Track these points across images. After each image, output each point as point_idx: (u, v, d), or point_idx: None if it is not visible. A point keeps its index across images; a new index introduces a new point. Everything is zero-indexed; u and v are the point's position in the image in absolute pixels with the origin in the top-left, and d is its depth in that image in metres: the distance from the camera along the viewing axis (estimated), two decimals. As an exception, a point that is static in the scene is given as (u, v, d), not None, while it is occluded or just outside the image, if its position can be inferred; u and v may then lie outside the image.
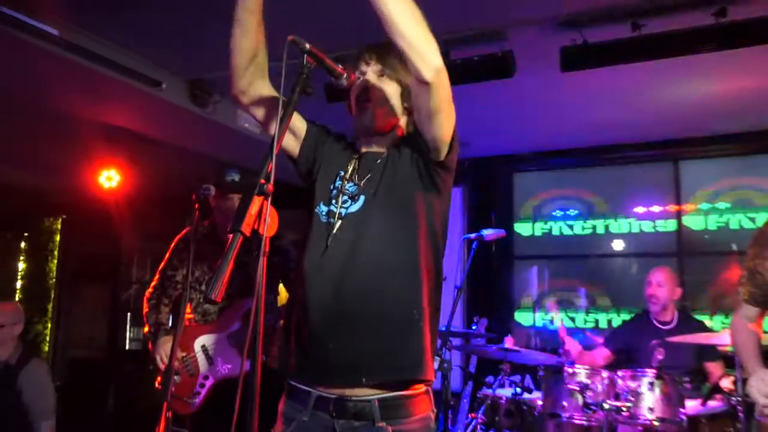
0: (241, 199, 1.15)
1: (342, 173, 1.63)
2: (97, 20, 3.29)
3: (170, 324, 3.03)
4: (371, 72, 1.62)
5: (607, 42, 3.11)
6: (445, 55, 3.28)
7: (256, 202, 1.14)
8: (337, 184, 1.61)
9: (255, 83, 1.59)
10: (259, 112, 1.62)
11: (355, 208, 1.55)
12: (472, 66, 3.28)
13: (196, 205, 2.48)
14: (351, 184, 1.60)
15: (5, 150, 5.35)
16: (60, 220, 7.50)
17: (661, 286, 3.78)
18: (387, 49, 1.59)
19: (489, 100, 4.21)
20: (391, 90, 1.62)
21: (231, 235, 1.12)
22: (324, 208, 1.59)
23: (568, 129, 4.93)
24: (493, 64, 3.25)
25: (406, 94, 1.62)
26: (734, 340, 2.23)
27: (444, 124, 1.49)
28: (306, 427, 1.48)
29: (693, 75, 3.82)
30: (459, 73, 3.32)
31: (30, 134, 4.95)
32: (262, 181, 1.16)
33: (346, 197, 1.58)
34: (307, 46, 1.39)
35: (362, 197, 1.56)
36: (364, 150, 1.67)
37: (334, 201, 1.58)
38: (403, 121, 1.66)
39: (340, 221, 1.55)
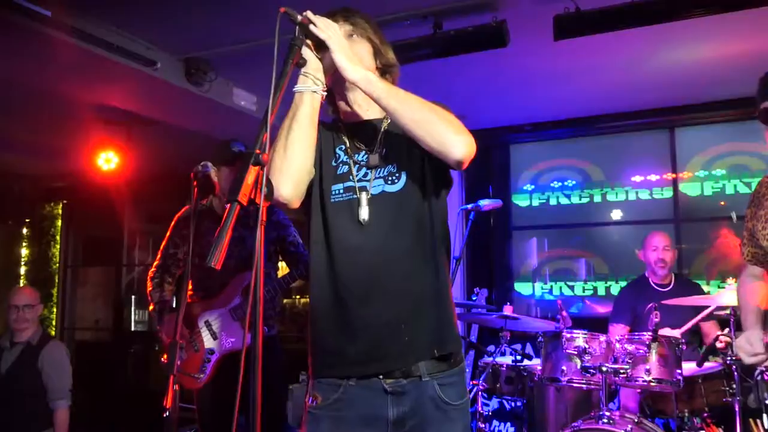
0: (238, 170, 1.16)
1: (342, 147, 1.61)
2: (90, 0, 3.27)
3: (174, 302, 3.07)
4: (343, 31, 1.58)
5: (601, 9, 3.08)
6: (437, 26, 3.30)
7: (252, 171, 1.16)
8: (342, 159, 1.60)
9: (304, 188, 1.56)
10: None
11: (395, 188, 1.55)
12: (465, 37, 3.26)
13: (195, 183, 2.49)
14: (361, 154, 1.60)
15: (1, 136, 5.35)
16: (61, 205, 7.51)
17: (668, 249, 3.85)
18: (353, 10, 1.62)
19: (484, 71, 4.18)
20: (363, 50, 1.60)
21: (228, 206, 1.13)
22: (339, 186, 1.57)
23: (563, 99, 4.91)
24: (486, 34, 3.23)
25: (378, 52, 1.63)
26: (738, 297, 2.26)
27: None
28: (354, 391, 1.50)
29: (688, 40, 3.79)
30: (452, 44, 3.31)
31: (26, 119, 4.94)
32: (258, 151, 1.17)
33: (364, 170, 1.58)
34: (299, 17, 1.40)
35: (403, 175, 1.55)
36: (357, 119, 1.64)
37: (350, 177, 1.57)
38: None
39: (369, 197, 1.53)
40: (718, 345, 2.97)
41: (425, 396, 1.51)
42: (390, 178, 1.56)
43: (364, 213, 1.52)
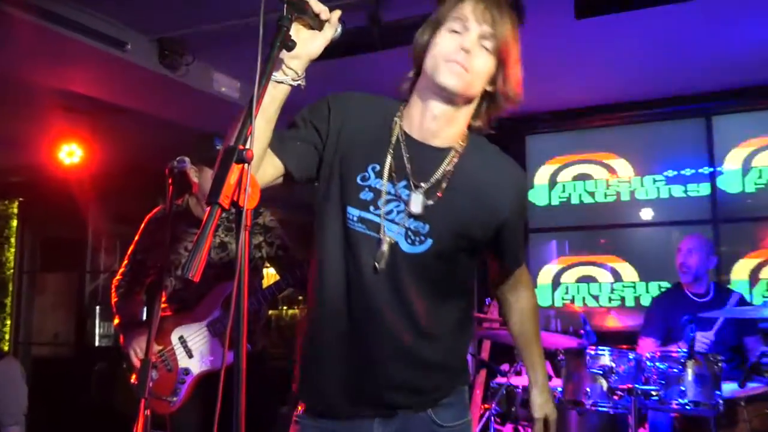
0: (218, 168, 1.15)
1: (377, 167, 1.52)
2: (49, -27, 3.27)
3: (144, 315, 3.06)
4: (476, 33, 1.45)
5: (629, -18, 3.10)
6: (441, 2, 3.30)
7: (235, 170, 1.15)
8: (371, 183, 1.52)
9: (265, 160, 1.50)
10: (279, 179, 1.55)
11: (420, 248, 1.50)
12: (475, 14, 3.26)
13: (170, 180, 2.48)
14: (401, 184, 1.51)
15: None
16: (16, 203, 7.50)
17: (692, 253, 3.81)
18: (507, 12, 1.48)
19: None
20: (486, 66, 1.48)
21: (208, 209, 1.12)
22: (355, 212, 1.51)
23: (585, 84, 4.92)
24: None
25: (493, 77, 1.51)
26: None
27: None
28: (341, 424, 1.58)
29: (726, 18, 3.80)
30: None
31: (-22, 106, 4.95)
32: (241, 146, 1.17)
33: (395, 204, 1.51)
34: (290, -9, 1.37)
35: (432, 242, 1.49)
36: (415, 136, 1.53)
37: (371, 208, 1.51)
38: (472, 106, 1.56)
39: (390, 243, 1.50)
40: (764, 362, 2.96)
41: (415, 418, 1.57)
42: (415, 237, 1.50)
43: (381, 260, 1.49)
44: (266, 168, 1.49)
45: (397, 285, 1.50)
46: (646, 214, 5.53)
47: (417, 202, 1.50)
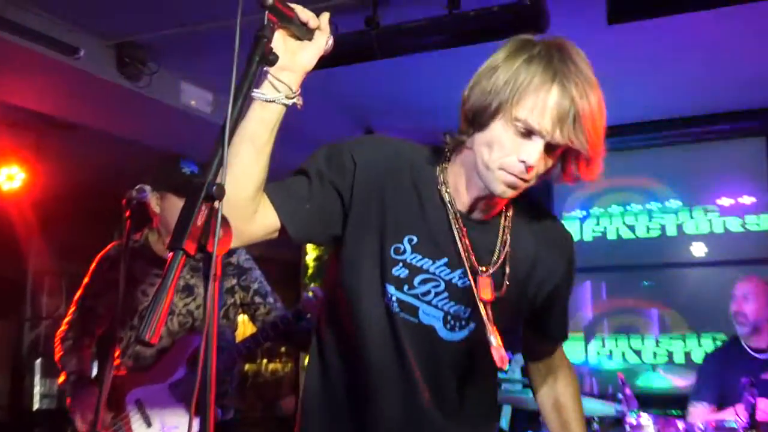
0: (184, 206, 1.16)
1: (414, 239, 1.55)
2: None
3: (94, 372, 3.04)
4: (545, 142, 1.43)
5: (671, -19, 3.15)
6: (453, 4, 3.35)
7: (204, 209, 1.16)
8: (407, 257, 1.55)
9: (259, 212, 1.48)
10: (273, 235, 1.54)
11: (461, 334, 1.59)
12: (490, 19, 3.30)
13: (128, 212, 2.50)
14: (441, 262, 1.56)
15: None
16: (-56, 235, 7.51)
17: (748, 299, 3.81)
18: (587, 111, 1.45)
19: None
20: (548, 166, 1.50)
21: (171, 254, 1.13)
22: (392, 290, 1.55)
23: (621, 97, 4.94)
24: (518, 15, 3.26)
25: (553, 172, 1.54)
26: None
27: None
28: None
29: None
30: (474, 28, 3.35)
31: None
32: (211, 179, 1.18)
33: (432, 284, 1.56)
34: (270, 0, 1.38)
35: (471, 319, 1.58)
36: (459, 206, 1.56)
37: (405, 285, 1.55)
38: None
39: (429, 333, 1.57)
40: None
41: None
42: (455, 323, 1.58)
43: (416, 347, 1.58)
44: (258, 220, 1.47)
45: (434, 372, 1.59)
46: (697, 251, 5.54)
47: (486, 289, 1.54)
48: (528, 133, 1.41)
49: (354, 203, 1.53)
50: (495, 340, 1.52)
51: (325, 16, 1.45)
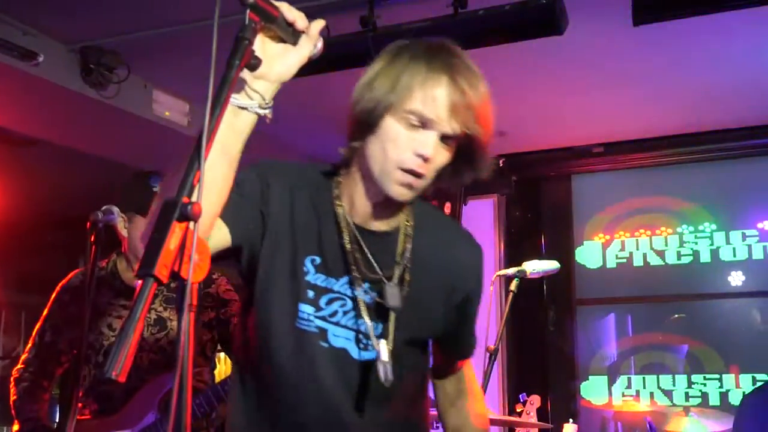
0: (154, 227, 1.16)
1: (317, 260, 1.65)
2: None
3: (54, 418, 3.02)
4: (440, 133, 1.53)
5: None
6: (459, 3, 3.37)
7: (177, 231, 1.16)
8: (310, 279, 1.65)
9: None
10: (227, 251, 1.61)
11: (374, 353, 1.64)
12: (503, 20, 3.32)
13: (93, 237, 2.49)
14: (343, 280, 1.66)
15: None
16: None
17: None
18: (478, 101, 1.55)
19: (530, 68, 4.25)
20: (444, 161, 1.58)
21: (140, 283, 1.13)
22: (309, 309, 1.64)
23: (648, 108, 4.97)
24: (533, 16, 3.28)
25: (446, 172, 1.60)
26: None
27: None
28: None
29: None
30: (484, 30, 3.36)
31: None
32: (186, 199, 1.18)
33: (338, 303, 1.66)
34: (252, -2, 1.39)
35: (382, 336, 1.65)
36: (357, 220, 1.66)
37: (312, 307, 1.64)
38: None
39: (339, 356, 1.66)
40: None
41: None
42: (368, 341, 1.66)
43: (330, 373, 1.65)
44: (214, 237, 1.51)
45: (356, 398, 1.66)
46: (734, 280, 5.54)
47: (394, 297, 1.63)
48: (421, 124, 1.51)
49: (269, 224, 1.62)
50: (384, 353, 1.59)
51: (319, 24, 1.46)
